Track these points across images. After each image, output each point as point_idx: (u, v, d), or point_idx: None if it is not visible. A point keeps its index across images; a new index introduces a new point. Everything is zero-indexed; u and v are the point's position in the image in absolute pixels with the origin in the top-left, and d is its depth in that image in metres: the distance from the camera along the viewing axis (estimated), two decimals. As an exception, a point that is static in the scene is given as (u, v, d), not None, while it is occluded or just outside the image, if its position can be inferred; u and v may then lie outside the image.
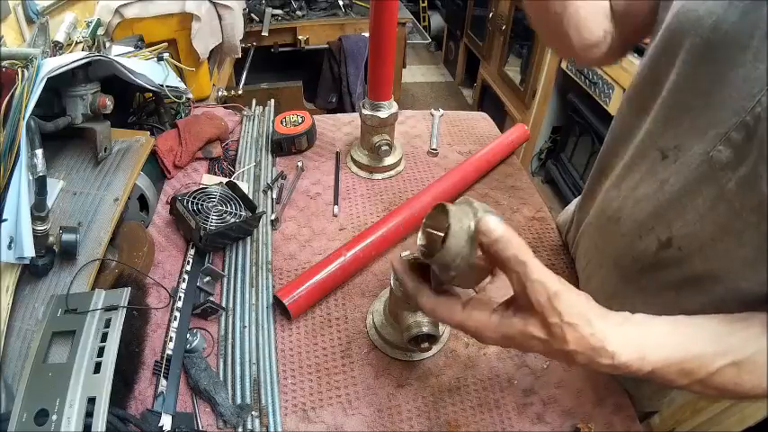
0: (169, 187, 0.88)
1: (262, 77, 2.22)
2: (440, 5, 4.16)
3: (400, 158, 0.97)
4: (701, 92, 0.43)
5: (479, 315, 0.40)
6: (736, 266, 0.43)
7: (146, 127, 0.95)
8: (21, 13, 0.96)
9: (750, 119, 0.38)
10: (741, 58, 0.39)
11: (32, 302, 0.59)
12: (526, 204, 0.90)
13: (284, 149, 0.97)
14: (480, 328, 0.40)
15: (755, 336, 0.39)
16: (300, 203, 0.87)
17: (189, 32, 1.30)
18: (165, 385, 0.58)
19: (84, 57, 0.68)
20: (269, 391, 0.59)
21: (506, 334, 0.39)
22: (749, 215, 0.40)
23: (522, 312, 0.38)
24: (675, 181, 0.46)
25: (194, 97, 1.12)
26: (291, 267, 0.76)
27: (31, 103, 0.59)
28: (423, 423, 0.58)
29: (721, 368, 0.38)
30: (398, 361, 0.64)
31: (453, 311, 0.41)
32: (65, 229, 0.61)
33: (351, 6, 2.33)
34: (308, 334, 0.67)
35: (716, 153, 0.41)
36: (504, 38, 2.72)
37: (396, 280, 0.56)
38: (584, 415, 0.59)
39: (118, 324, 0.53)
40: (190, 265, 0.72)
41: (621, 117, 0.58)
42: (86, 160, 0.75)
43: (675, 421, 0.75)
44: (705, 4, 0.42)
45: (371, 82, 0.88)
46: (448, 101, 3.53)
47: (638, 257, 0.54)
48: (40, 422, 0.45)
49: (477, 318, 0.40)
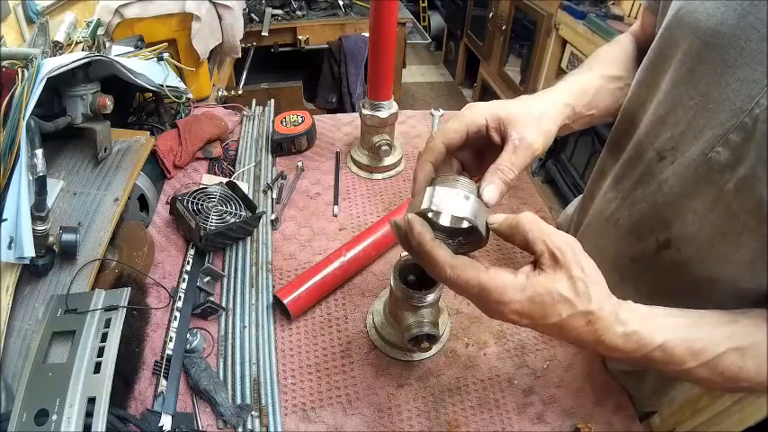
0: (169, 187, 0.88)
1: (262, 77, 2.22)
2: (440, 5, 4.17)
3: (400, 158, 0.97)
4: (698, 93, 0.43)
5: (505, 276, 0.37)
6: (734, 268, 0.43)
7: (146, 127, 0.95)
8: (21, 13, 0.96)
9: (748, 120, 0.38)
10: (739, 59, 0.39)
11: (32, 302, 0.59)
12: (526, 204, 0.90)
13: (284, 149, 0.97)
14: (507, 287, 0.37)
15: (758, 325, 0.39)
16: (300, 203, 0.87)
17: (189, 32, 1.30)
18: (165, 385, 0.58)
19: (84, 57, 0.68)
20: (269, 391, 0.59)
21: (533, 295, 0.37)
22: (747, 217, 0.40)
23: (547, 270, 0.37)
24: (674, 182, 0.46)
25: (194, 97, 1.12)
26: (291, 267, 0.76)
27: (31, 103, 0.59)
28: (423, 423, 0.58)
29: (726, 351, 0.38)
30: (398, 361, 0.64)
31: (478, 271, 0.38)
32: (65, 229, 0.61)
33: (351, 6, 2.33)
34: (308, 334, 0.67)
35: (714, 154, 0.41)
36: (504, 38, 2.73)
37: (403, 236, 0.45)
38: (585, 415, 0.60)
39: (118, 324, 0.53)
40: (190, 265, 0.72)
41: (619, 117, 0.58)
42: (86, 160, 0.75)
43: (675, 421, 0.75)
44: (703, 6, 0.42)
45: (371, 82, 0.88)
46: (448, 101, 3.53)
47: (636, 258, 0.54)
48: (40, 422, 0.45)
49: (503, 278, 0.37)
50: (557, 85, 0.53)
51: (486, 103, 0.46)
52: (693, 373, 0.39)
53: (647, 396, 0.64)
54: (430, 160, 0.44)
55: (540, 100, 0.48)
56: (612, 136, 0.60)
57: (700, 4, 0.43)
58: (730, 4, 0.40)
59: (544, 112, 0.46)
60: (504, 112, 0.44)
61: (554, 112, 0.47)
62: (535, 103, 0.47)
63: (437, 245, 0.39)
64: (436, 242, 0.39)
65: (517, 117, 0.44)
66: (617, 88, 0.56)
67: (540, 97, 0.49)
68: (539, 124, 0.44)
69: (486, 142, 0.45)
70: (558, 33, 2.23)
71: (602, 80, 0.55)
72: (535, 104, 0.46)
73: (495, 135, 0.44)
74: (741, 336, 0.39)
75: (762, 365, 0.38)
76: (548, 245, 0.37)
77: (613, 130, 0.60)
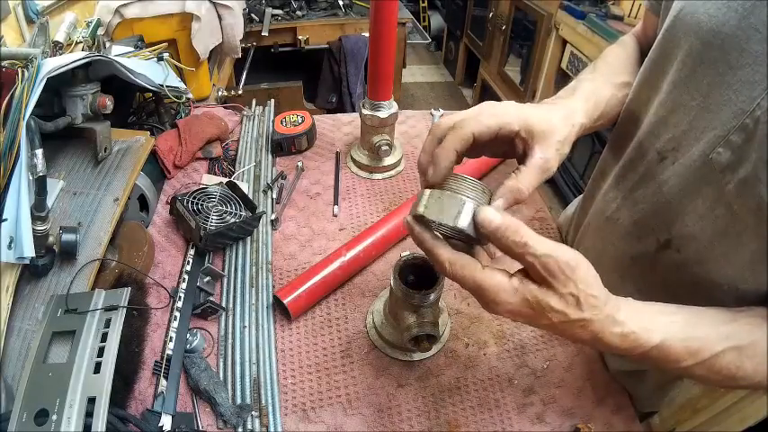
0: (169, 187, 0.88)
1: (262, 77, 2.22)
2: (440, 5, 4.16)
3: (400, 158, 0.97)
4: (700, 94, 0.43)
5: (499, 277, 0.38)
6: (734, 268, 0.43)
7: (146, 127, 0.95)
8: (21, 13, 0.96)
9: (749, 121, 0.38)
10: (740, 60, 0.39)
11: (32, 302, 0.59)
12: (526, 204, 0.90)
13: (284, 149, 0.97)
14: (500, 289, 0.38)
15: (757, 324, 0.40)
16: (300, 203, 0.87)
17: (189, 32, 1.30)
18: (165, 385, 0.58)
19: (84, 57, 0.68)
20: (269, 391, 0.59)
21: (524, 300, 0.37)
22: (748, 217, 0.40)
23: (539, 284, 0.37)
24: (674, 182, 0.46)
25: (194, 97, 1.12)
26: (291, 267, 0.76)
27: (31, 103, 0.59)
28: (423, 423, 0.58)
29: (724, 350, 0.39)
30: (398, 361, 0.64)
31: (474, 269, 0.38)
32: (65, 229, 0.61)
33: (351, 6, 2.33)
34: (308, 334, 0.67)
35: (715, 155, 0.41)
36: (504, 38, 2.73)
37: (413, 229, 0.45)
38: (585, 415, 0.60)
39: (118, 324, 0.53)
40: (190, 265, 0.72)
41: (621, 117, 0.58)
42: (86, 160, 0.75)
43: (675, 421, 0.75)
44: (705, 7, 0.42)
45: (371, 82, 0.88)
46: (448, 101, 3.53)
47: (637, 258, 0.54)
48: (39, 422, 0.45)
49: (497, 280, 0.38)
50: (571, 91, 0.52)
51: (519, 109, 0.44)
52: (690, 371, 0.40)
53: (647, 396, 0.64)
54: (457, 148, 0.42)
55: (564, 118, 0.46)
56: (614, 136, 0.60)
57: (701, 5, 0.43)
58: (732, 5, 0.40)
59: (566, 137, 0.44)
60: (537, 124, 0.43)
61: (571, 133, 0.46)
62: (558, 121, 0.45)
63: (437, 244, 0.40)
64: (437, 241, 0.40)
65: (544, 134, 0.43)
66: (625, 95, 0.56)
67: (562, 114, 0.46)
68: (560, 147, 0.43)
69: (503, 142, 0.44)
70: (558, 33, 2.23)
71: (613, 88, 0.55)
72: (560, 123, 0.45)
73: (519, 144, 0.44)
74: (739, 335, 0.39)
75: (760, 365, 0.39)
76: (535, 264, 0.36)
77: (615, 131, 0.60)
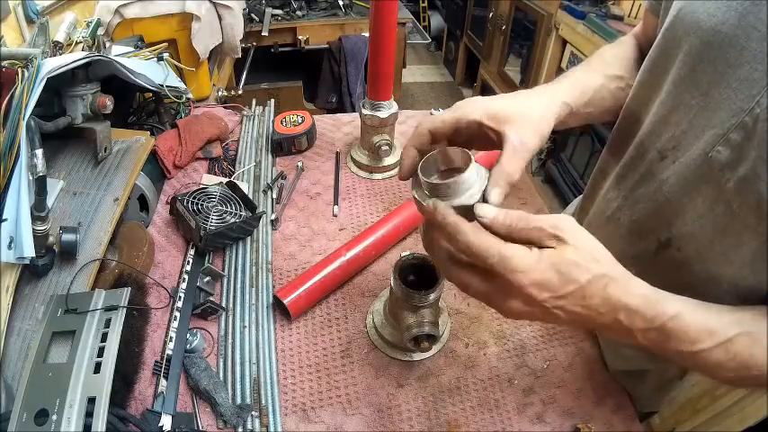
0: (169, 187, 0.88)
1: (262, 77, 2.22)
2: (440, 5, 4.16)
3: (400, 158, 0.97)
4: (700, 92, 0.43)
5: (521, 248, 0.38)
6: (735, 267, 0.43)
7: (146, 127, 0.95)
8: (21, 13, 0.96)
9: (749, 119, 0.38)
10: (740, 59, 0.39)
11: (32, 302, 0.59)
12: (526, 204, 0.90)
13: (284, 149, 0.97)
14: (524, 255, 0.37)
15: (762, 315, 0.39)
16: (300, 203, 0.87)
17: (189, 32, 1.30)
18: (165, 385, 0.58)
19: (84, 57, 0.68)
20: (269, 391, 0.59)
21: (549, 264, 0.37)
22: (748, 216, 0.40)
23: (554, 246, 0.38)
24: (675, 181, 0.46)
25: (194, 97, 1.12)
26: (291, 267, 0.76)
27: (31, 103, 0.59)
28: (423, 423, 0.58)
29: (738, 334, 0.38)
30: (398, 361, 0.64)
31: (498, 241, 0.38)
32: (65, 229, 0.61)
33: (351, 6, 2.33)
34: (308, 334, 0.67)
35: (715, 153, 0.41)
36: (504, 38, 2.72)
37: None
38: (584, 415, 0.60)
39: (118, 324, 0.53)
40: (190, 265, 0.72)
41: (621, 117, 0.58)
42: (86, 160, 0.75)
43: (675, 421, 0.75)
44: (704, 6, 0.42)
45: (371, 82, 0.88)
46: (448, 101, 3.53)
47: (637, 258, 0.54)
48: (39, 422, 0.45)
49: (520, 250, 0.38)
50: (558, 79, 0.53)
51: (483, 99, 0.46)
52: (706, 356, 0.38)
53: (647, 396, 0.64)
54: (415, 146, 0.47)
55: (538, 99, 0.48)
56: (614, 136, 0.60)
57: (701, 4, 0.43)
58: (731, 4, 0.40)
59: (542, 116, 0.46)
60: (500, 110, 0.44)
61: (550, 112, 0.47)
62: (533, 102, 0.47)
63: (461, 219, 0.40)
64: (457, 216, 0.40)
65: (513, 116, 0.44)
66: (618, 88, 0.56)
67: (538, 96, 0.48)
68: (537, 126, 0.44)
69: (477, 135, 0.46)
70: (558, 33, 2.23)
71: (604, 79, 0.55)
72: (533, 105, 0.46)
73: (490, 132, 0.45)
74: (747, 322, 0.38)
75: None
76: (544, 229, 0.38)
77: (615, 131, 0.60)
